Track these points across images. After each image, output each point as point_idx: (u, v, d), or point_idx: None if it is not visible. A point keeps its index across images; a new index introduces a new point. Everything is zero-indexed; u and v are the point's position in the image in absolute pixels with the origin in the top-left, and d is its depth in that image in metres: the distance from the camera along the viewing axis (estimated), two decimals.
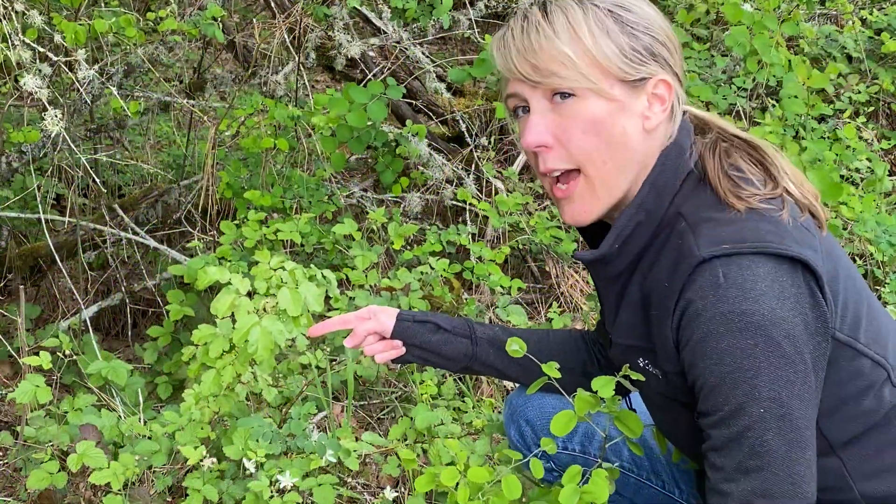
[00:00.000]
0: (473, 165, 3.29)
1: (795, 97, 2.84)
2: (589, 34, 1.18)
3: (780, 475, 1.10)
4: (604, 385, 1.28)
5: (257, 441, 1.84)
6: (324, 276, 1.85)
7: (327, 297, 2.50)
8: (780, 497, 1.11)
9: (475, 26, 3.17)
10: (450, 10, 2.98)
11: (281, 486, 1.73)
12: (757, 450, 1.10)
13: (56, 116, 1.93)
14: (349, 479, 1.99)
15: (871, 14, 4.15)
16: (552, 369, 1.36)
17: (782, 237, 1.12)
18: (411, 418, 2.04)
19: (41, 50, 2.12)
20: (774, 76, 2.91)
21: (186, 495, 1.75)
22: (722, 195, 1.19)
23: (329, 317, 2.48)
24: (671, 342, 1.17)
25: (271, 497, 1.71)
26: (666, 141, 1.25)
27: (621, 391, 1.31)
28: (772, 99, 3.48)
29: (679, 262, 1.15)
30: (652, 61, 1.21)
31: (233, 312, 1.74)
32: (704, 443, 1.17)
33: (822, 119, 3.58)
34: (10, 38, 1.98)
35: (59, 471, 1.80)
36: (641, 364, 1.28)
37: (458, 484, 1.42)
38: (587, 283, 3.13)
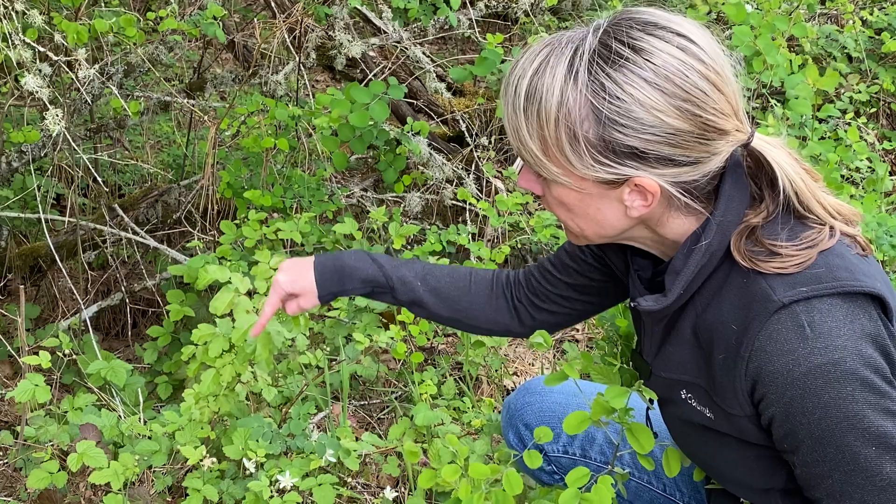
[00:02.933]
0: (473, 165, 3.29)
1: (797, 97, 2.83)
2: (555, 137, 1.10)
3: None
4: (616, 396, 1.27)
5: (257, 441, 1.84)
6: None
7: None
8: None
9: (475, 26, 3.17)
10: (451, 10, 2.98)
11: (281, 486, 1.73)
12: (879, 485, 1.10)
13: (57, 116, 1.93)
14: (349, 479, 1.99)
15: (871, 14, 4.15)
16: (572, 370, 1.35)
17: (853, 271, 1.10)
18: (411, 418, 2.04)
19: (41, 50, 2.12)
20: (778, 77, 2.90)
21: (186, 495, 1.75)
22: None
23: (329, 316, 2.48)
24: (742, 388, 1.13)
25: (271, 497, 1.71)
26: (679, 205, 1.16)
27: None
28: (774, 99, 3.48)
29: (750, 303, 1.10)
30: (633, 162, 1.09)
31: (232, 311, 1.74)
32: (814, 490, 1.15)
33: (821, 119, 3.57)
34: (11, 37, 1.98)
35: (59, 470, 1.80)
36: (683, 397, 1.25)
37: (459, 479, 1.42)
38: None
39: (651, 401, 1.28)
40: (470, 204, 3.07)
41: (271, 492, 1.72)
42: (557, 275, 1.52)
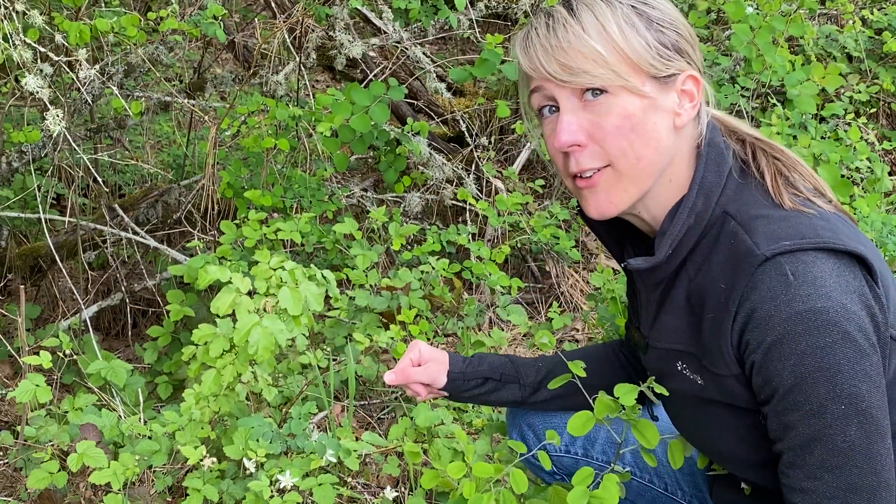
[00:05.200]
0: (473, 165, 3.29)
1: (800, 95, 2.84)
2: (618, 30, 1.17)
3: (865, 468, 1.10)
4: (626, 393, 1.27)
5: (257, 441, 1.84)
6: (324, 276, 1.85)
7: (327, 297, 2.51)
8: (865, 490, 1.11)
9: (476, 26, 3.17)
10: (451, 11, 2.98)
11: (281, 486, 1.73)
12: (840, 446, 1.10)
13: (57, 116, 1.93)
14: (349, 479, 1.99)
15: (871, 14, 4.15)
16: (578, 368, 1.36)
17: (836, 233, 1.12)
18: (411, 418, 2.04)
19: (42, 50, 2.12)
20: (777, 76, 2.90)
21: (186, 495, 1.75)
22: (774, 193, 1.19)
23: (329, 316, 2.48)
24: (729, 344, 1.15)
25: (271, 497, 1.71)
26: (695, 139, 1.24)
27: (642, 400, 1.31)
28: (774, 98, 3.48)
29: (737, 261, 1.13)
30: (679, 57, 1.21)
31: (233, 311, 1.74)
32: (779, 442, 1.16)
33: (822, 119, 3.58)
34: (11, 38, 1.98)
35: (60, 470, 1.80)
36: (679, 368, 1.26)
37: (462, 478, 1.42)
38: (587, 282, 3.13)
39: (658, 395, 1.28)
40: (470, 204, 3.07)
41: (271, 492, 1.72)
42: (629, 324, 1.54)
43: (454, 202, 3.15)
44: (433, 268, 2.66)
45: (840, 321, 1.07)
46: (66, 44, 2.23)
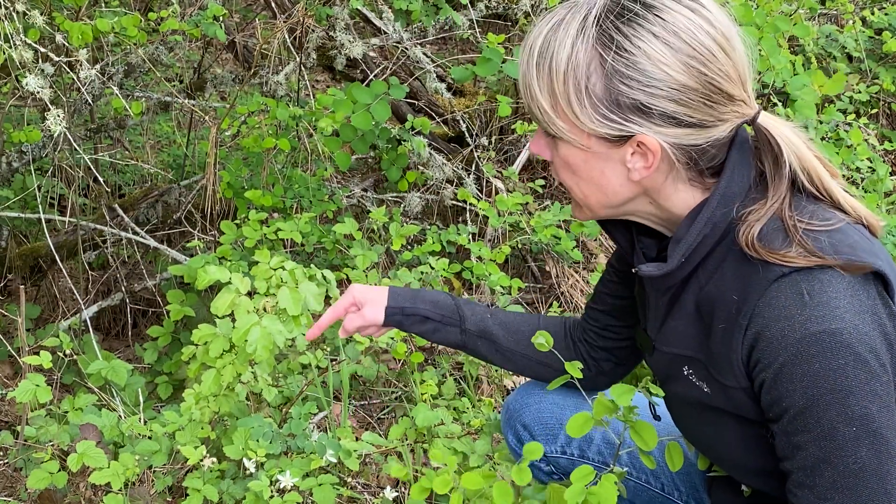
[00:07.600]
0: (473, 165, 3.29)
1: (801, 100, 2.83)
2: (563, 91, 1.13)
3: (875, 489, 1.09)
4: (622, 394, 1.27)
5: (257, 441, 1.84)
6: (324, 276, 1.85)
7: (327, 297, 2.51)
8: None
9: (476, 26, 3.17)
10: (451, 11, 2.98)
11: (281, 486, 1.73)
12: (851, 467, 1.09)
13: (58, 116, 1.93)
14: (349, 479, 1.99)
15: (871, 14, 4.15)
16: (574, 368, 1.35)
17: (855, 248, 1.11)
18: (412, 418, 2.04)
19: (42, 50, 2.12)
20: (780, 78, 2.90)
21: (186, 495, 1.75)
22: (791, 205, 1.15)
23: None
24: (739, 358, 1.14)
25: (271, 497, 1.71)
26: (686, 175, 1.18)
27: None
28: (776, 98, 3.47)
29: (750, 274, 1.12)
30: (637, 118, 1.11)
31: (233, 311, 1.74)
32: (788, 461, 1.15)
33: (823, 120, 3.57)
34: (12, 38, 1.98)
35: (60, 470, 1.80)
36: (685, 373, 1.25)
37: (451, 490, 1.42)
38: (587, 282, 3.13)
39: (655, 395, 1.28)
40: (470, 204, 3.07)
41: (271, 492, 1.72)
42: (595, 306, 1.55)
43: (454, 202, 3.15)
44: (433, 268, 2.66)
45: (852, 343, 1.06)
46: (66, 44, 2.23)
